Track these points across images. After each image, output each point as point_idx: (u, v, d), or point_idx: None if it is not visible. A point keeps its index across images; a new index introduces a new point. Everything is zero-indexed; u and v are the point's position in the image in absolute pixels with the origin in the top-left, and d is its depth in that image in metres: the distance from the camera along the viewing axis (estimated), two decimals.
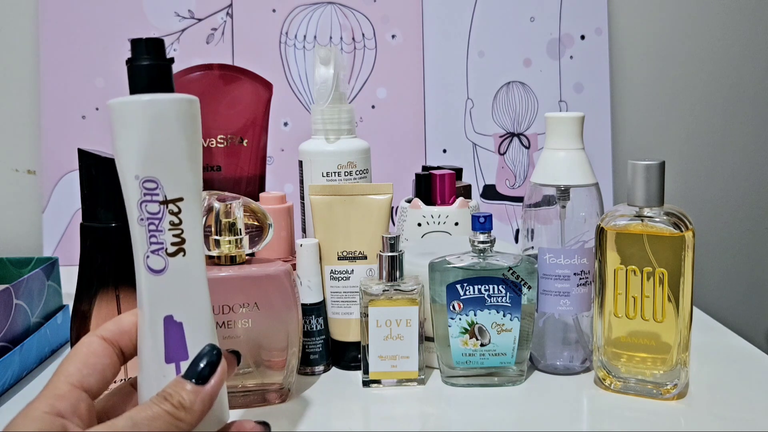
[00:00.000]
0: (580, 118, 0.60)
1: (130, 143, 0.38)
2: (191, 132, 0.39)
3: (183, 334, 0.39)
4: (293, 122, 1.07)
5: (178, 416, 0.36)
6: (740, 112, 1.15)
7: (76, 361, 0.38)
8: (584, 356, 0.62)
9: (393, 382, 0.60)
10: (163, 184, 0.38)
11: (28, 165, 1.08)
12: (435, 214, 0.71)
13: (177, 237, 0.39)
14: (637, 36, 1.12)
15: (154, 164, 0.38)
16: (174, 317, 0.39)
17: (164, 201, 0.38)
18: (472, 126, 1.09)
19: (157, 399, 0.37)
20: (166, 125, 0.38)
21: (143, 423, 0.35)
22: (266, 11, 1.06)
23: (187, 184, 0.39)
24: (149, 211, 0.38)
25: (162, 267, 0.39)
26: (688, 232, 0.54)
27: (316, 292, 0.63)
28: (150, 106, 0.38)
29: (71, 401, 0.36)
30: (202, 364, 0.38)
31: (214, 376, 0.38)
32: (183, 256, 0.39)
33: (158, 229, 0.38)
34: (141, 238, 0.39)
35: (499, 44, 1.08)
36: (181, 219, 0.39)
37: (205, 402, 0.38)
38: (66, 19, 1.04)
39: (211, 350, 0.39)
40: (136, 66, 0.40)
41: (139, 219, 0.38)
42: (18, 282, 0.62)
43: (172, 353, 0.39)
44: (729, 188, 1.16)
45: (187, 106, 0.39)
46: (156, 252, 0.39)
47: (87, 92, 1.04)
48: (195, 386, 0.37)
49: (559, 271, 0.60)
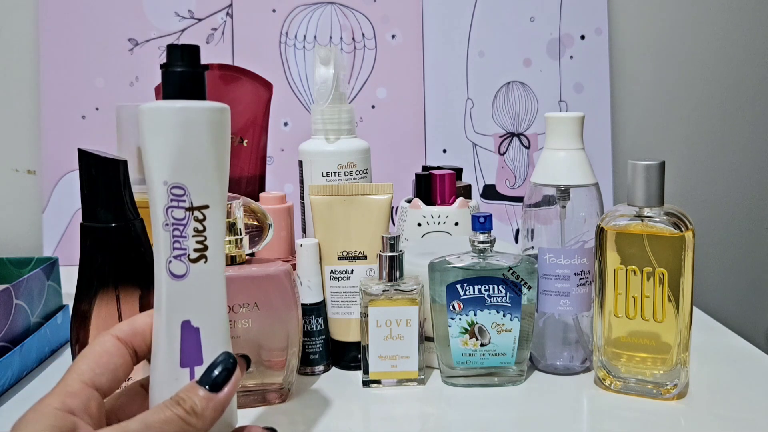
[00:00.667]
0: (580, 118, 0.60)
1: (161, 149, 0.38)
2: (221, 140, 0.40)
3: (199, 340, 0.39)
4: (293, 122, 1.07)
5: (189, 422, 0.36)
6: (740, 112, 1.15)
7: (89, 360, 0.38)
8: (584, 356, 0.62)
9: (393, 382, 0.60)
10: (190, 191, 0.39)
11: (28, 165, 1.08)
12: (435, 214, 0.71)
13: (200, 243, 0.39)
14: (637, 36, 1.12)
15: (183, 171, 0.38)
16: (191, 322, 0.39)
17: (190, 208, 0.39)
18: (472, 126, 1.09)
19: (170, 403, 0.37)
20: (197, 133, 0.38)
21: (155, 426, 0.36)
22: (266, 11, 1.06)
23: (213, 192, 0.39)
24: (175, 216, 0.39)
25: (183, 272, 0.39)
26: (688, 232, 0.54)
27: (316, 292, 0.63)
28: (182, 114, 0.38)
29: (82, 399, 0.37)
30: (217, 371, 0.38)
31: (228, 384, 0.38)
32: (204, 263, 0.39)
33: (182, 235, 0.39)
34: (165, 243, 0.39)
35: (499, 44, 1.08)
36: (206, 226, 0.39)
37: (217, 409, 0.38)
38: (66, 19, 1.04)
39: (227, 358, 0.39)
40: (170, 72, 0.40)
41: (164, 224, 0.39)
42: (18, 282, 0.62)
43: (187, 358, 0.39)
44: (729, 188, 1.16)
45: (218, 114, 0.39)
46: (179, 257, 0.39)
47: (87, 92, 1.04)
48: (208, 393, 0.38)
49: (559, 271, 0.60)
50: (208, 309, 0.40)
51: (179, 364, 0.39)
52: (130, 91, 1.04)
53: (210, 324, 0.40)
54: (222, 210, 0.40)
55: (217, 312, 0.40)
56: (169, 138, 0.38)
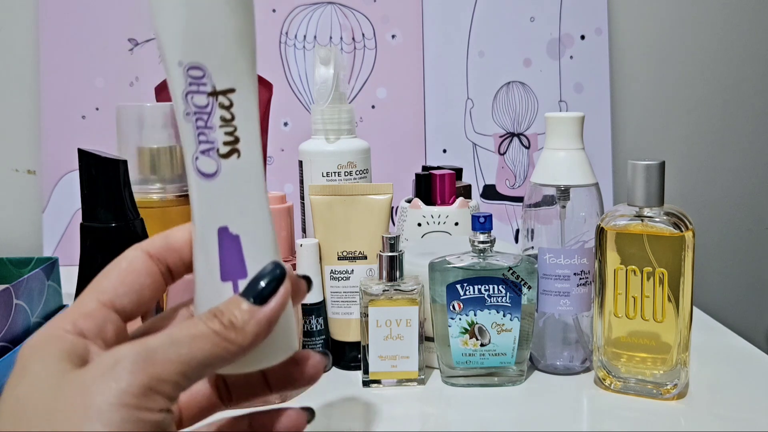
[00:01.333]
0: (580, 118, 0.60)
1: (172, 23, 0.32)
2: (243, 12, 0.33)
3: (240, 249, 0.34)
4: (293, 122, 1.07)
5: (227, 337, 0.31)
6: (740, 112, 1.15)
7: (112, 277, 0.33)
8: (584, 356, 0.62)
9: (393, 382, 0.60)
10: (210, 72, 0.32)
11: (28, 165, 1.08)
12: (435, 214, 0.71)
13: (230, 135, 0.33)
14: (637, 36, 1.12)
15: (200, 48, 0.32)
16: (230, 229, 0.34)
17: (213, 92, 0.33)
18: (472, 126, 1.09)
19: (206, 316, 0.32)
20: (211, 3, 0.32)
21: (183, 341, 0.30)
22: (266, 11, 1.06)
23: (239, 72, 0.33)
24: (196, 104, 0.33)
25: (214, 170, 0.33)
26: (688, 232, 0.54)
27: (316, 292, 0.63)
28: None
29: (97, 321, 0.32)
30: (263, 282, 0.33)
31: (275, 296, 0.32)
32: (237, 158, 0.33)
33: (207, 126, 0.33)
34: (189, 137, 0.33)
35: (499, 44, 1.08)
36: (234, 114, 0.33)
37: (262, 325, 0.32)
38: (66, 19, 1.04)
39: (275, 268, 0.33)
40: None
41: (185, 114, 0.33)
42: (18, 282, 0.62)
43: (229, 270, 0.34)
44: (729, 188, 1.16)
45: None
46: (206, 152, 0.33)
47: (87, 92, 1.04)
48: (252, 306, 0.32)
49: (559, 271, 0.60)
50: (247, 212, 0.34)
51: (220, 277, 0.34)
52: (130, 91, 1.04)
53: (252, 230, 0.34)
54: (253, 94, 0.34)
55: (259, 215, 0.34)
56: (179, 8, 0.32)
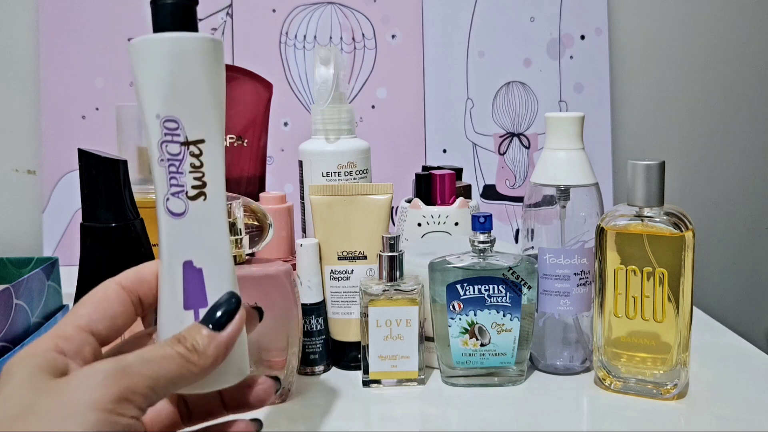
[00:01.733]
0: (580, 118, 0.60)
1: (152, 81, 0.37)
2: (214, 72, 0.38)
3: (202, 281, 0.38)
4: (293, 122, 1.07)
5: (190, 359, 0.35)
6: (740, 112, 1.15)
7: (87, 305, 0.37)
8: (584, 356, 0.62)
9: (393, 382, 0.60)
10: (184, 125, 0.37)
11: (28, 165, 1.08)
12: (435, 214, 0.71)
13: (198, 180, 0.38)
14: (637, 36, 1.12)
15: (176, 103, 0.37)
16: (194, 263, 0.38)
17: (185, 142, 0.37)
18: (472, 126, 1.09)
19: (171, 341, 0.36)
20: (188, 63, 0.37)
21: (153, 361, 0.34)
22: (266, 11, 1.06)
23: (209, 125, 0.38)
24: (170, 152, 0.37)
25: (182, 210, 0.38)
26: (688, 232, 0.54)
27: (316, 292, 0.63)
28: (173, 44, 0.37)
29: (75, 343, 0.35)
30: (219, 311, 0.37)
31: (231, 323, 0.37)
32: (204, 200, 0.38)
33: (178, 171, 0.37)
34: (161, 180, 0.38)
35: (499, 44, 1.08)
36: (202, 162, 0.38)
37: (220, 348, 0.36)
38: (66, 19, 1.04)
39: (230, 298, 0.38)
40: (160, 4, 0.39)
41: (159, 160, 0.37)
42: (18, 282, 0.62)
43: (191, 300, 0.38)
44: (729, 188, 1.16)
45: (210, 45, 0.38)
46: (176, 195, 0.38)
47: (87, 92, 1.04)
48: (210, 332, 0.36)
49: (559, 271, 0.60)
50: (210, 248, 0.38)
51: (183, 306, 0.38)
52: (130, 91, 1.04)
53: (213, 264, 0.38)
54: (220, 145, 0.39)
55: (220, 251, 0.39)
56: (160, 69, 0.37)
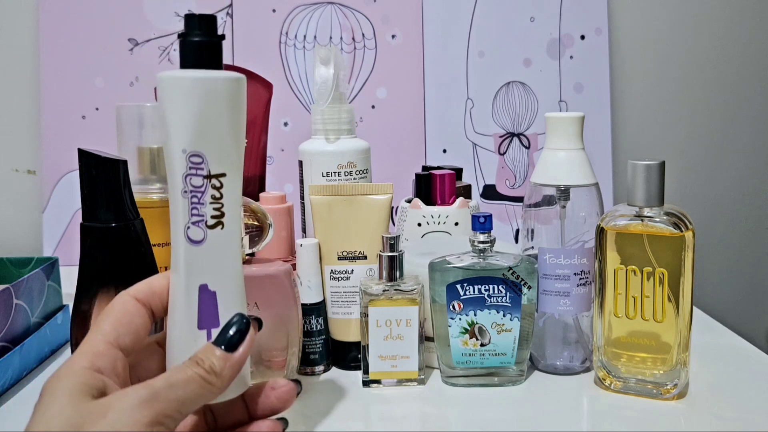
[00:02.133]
0: (580, 118, 0.60)
1: (181, 118, 0.39)
2: (238, 109, 0.41)
3: (216, 303, 0.41)
4: (293, 122, 1.07)
5: (209, 380, 0.38)
6: (740, 112, 1.15)
7: (112, 320, 0.39)
8: (584, 356, 0.62)
9: (393, 382, 0.60)
10: (208, 159, 0.40)
11: (28, 165, 1.08)
12: (435, 214, 0.71)
13: (217, 210, 0.40)
14: (637, 36, 1.12)
15: (202, 140, 0.39)
16: (209, 286, 0.41)
17: (208, 176, 0.40)
18: (472, 126, 1.09)
19: (191, 363, 0.38)
20: (215, 102, 0.39)
21: (179, 385, 0.37)
22: (266, 11, 1.06)
23: (230, 160, 0.40)
24: (193, 184, 0.40)
25: (201, 238, 0.40)
26: (688, 232, 0.54)
27: (316, 292, 0.63)
28: (201, 83, 0.39)
29: (109, 359, 0.38)
30: (231, 332, 0.40)
31: (242, 344, 0.40)
32: (221, 229, 0.41)
33: (200, 202, 0.40)
34: (183, 210, 0.40)
35: (499, 44, 1.08)
36: (222, 193, 0.40)
37: (234, 368, 0.39)
38: (66, 19, 1.04)
39: (241, 319, 0.40)
40: (188, 41, 0.41)
41: (182, 191, 0.40)
42: (18, 282, 0.62)
43: (205, 320, 0.40)
44: (729, 188, 1.16)
45: (235, 84, 0.40)
46: (197, 224, 0.40)
47: (87, 92, 1.04)
48: (224, 353, 0.39)
49: (559, 271, 0.60)
50: (224, 273, 0.41)
51: (197, 326, 0.40)
52: (130, 91, 1.04)
53: (226, 287, 0.41)
54: (238, 178, 0.41)
55: (233, 276, 0.42)
56: (188, 107, 0.39)
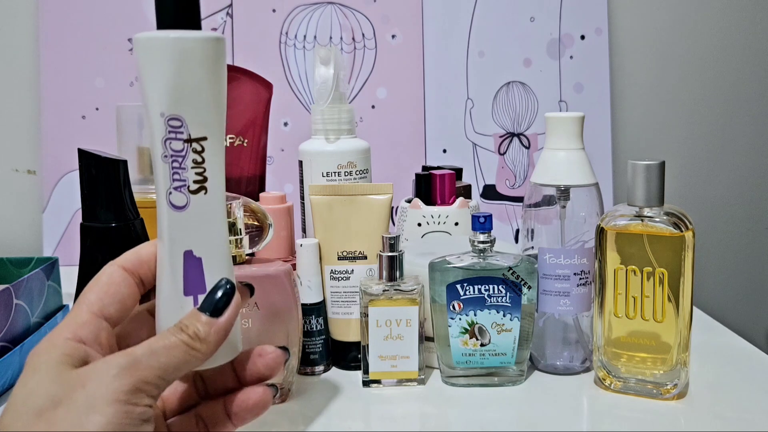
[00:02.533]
0: (580, 118, 0.60)
1: (157, 80, 0.38)
2: (217, 71, 0.40)
3: (202, 269, 0.40)
4: (293, 122, 1.07)
5: (194, 346, 0.37)
6: (740, 112, 1.15)
7: (97, 290, 0.39)
8: (584, 356, 0.62)
9: (393, 382, 0.60)
10: (187, 123, 0.39)
11: (28, 165, 1.08)
12: (435, 214, 0.71)
13: (199, 175, 0.40)
14: (637, 36, 1.12)
15: (180, 102, 0.38)
16: (194, 252, 0.40)
17: (188, 139, 0.39)
18: (472, 126, 1.09)
19: (174, 330, 0.38)
20: (193, 63, 0.38)
21: (161, 352, 0.36)
22: (266, 11, 1.06)
23: (211, 123, 0.40)
24: (173, 148, 0.39)
25: (184, 203, 0.40)
26: (688, 232, 0.54)
27: (316, 292, 0.63)
28: (179, 44, 0.38)
29: (92, 329, 0.38)
30: (217, 296, 0.39)
31: (228, 308, 0.39)
32: (204, 194, 0.40)
33: (181, 167, 0.39)
34: (164, 175, 0.39)
35: (499, 44, 1.08)
36: (204, 158, 0.39)
37: (220, 333, 0.38)
38: (66, 19, 1.04)
39: (226, 284, 0.40)
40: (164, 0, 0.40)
41: (162, 156, 0.39)
42: (18, 282, 0.62)
43: (191, 287, 0.40)
44: (729, 188, 1.16)
45: (214, 44, 0.39)
46: (179, 189, 0.39)
47: (87, 92, 1.04)
48: (210, 318, 0.38)
49: (559, 271, 0.60)
50: (209, 239, 0.41)
51: (183, 292, 0.40)
52: (130, 91, 1.04)
53: (212, 253, 0.41)
54: (220, 142, 0.40)
55: (218, 242, 0.41)
56: (165, 68, 0.38)
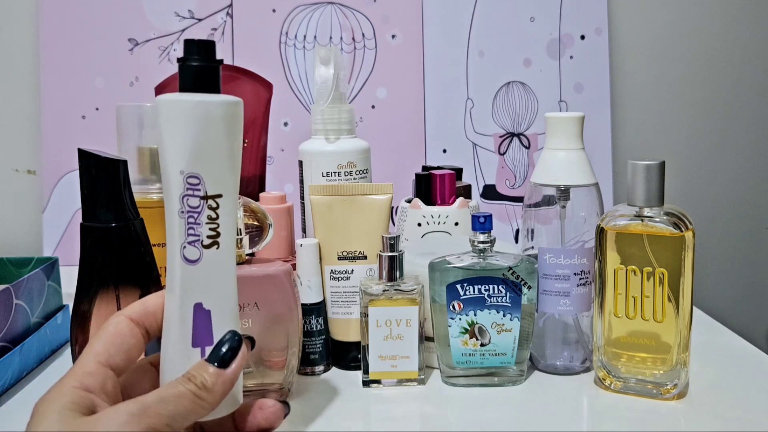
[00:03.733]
0: (580, 118, 0.60)
1: (178, 140, 0.40)
2: (235, 132, 0.41)
3: (210, 321, 0.41)
4: (293, 122, 1.07)
5: (201, 396, 0.38)
6: (740, 112, 1.15)
7: (104, 341, 0.40)
8: (584, 356, 0.62)
9: (393, 382, 0.60)
10: (205, 181, 0.40)
11: (28, 165, 1.08)
12: (435, 214, 0.71)
13: (213, 231, 0.41)
14: (637, 36, 1.12)
15: (199, 161, 0.40)
16: (203, 305, 0.41)
17: (205, 196, 0.41)
18: (472, 126, 1.09)
19: (182, 380, 0.39)
20: (213, 125, 0.40)
21: (170, 401, 0.37)
22: (266, 11, 1.06)
23: (226, 182, 0.41)
24: (190, 204, 0.40)
25: (197, 257, 0.41)
26: (688, 232, 0.54)
27: (316, 292, 0.63)
28: (200, 107, 0.40)
29: (99, 378, 0.38)
30: (224, 348, 0.40)
31: (234, 360, 0.40)
32: (217, 249, 0.41)
33: (196, 222, 0.41)
34: (179, 230, 0.41)
35: (499, 44, 1.08)
36: (218, 214, 0.41)
37: (226, 384, 0.39)
38: (66, 19, 1.04)
39: (233, 336, 0.41)
40: (188, 66, 0.42)
41: (179, 212, 0.40)
42: (18, 282, 0.62)
43: (199, 338, 0.41)
44: (729, 188, 1.16)
45: (233, 108, 0.41)
46: (193, 243, 0.41)
47: (87, 92, 1.04)
48: (217, 369, 0.39)
49: (559, 271, 0.60)
50: (219, 292, 0.42)
51: (191, 344, 0.41)
52: (130, 91, 1.04)
53: (220, 306, 0.42)
54: (234, 199, 0.42)
55: (227, 295, 0.42)
56: (187, 130, 0.40)
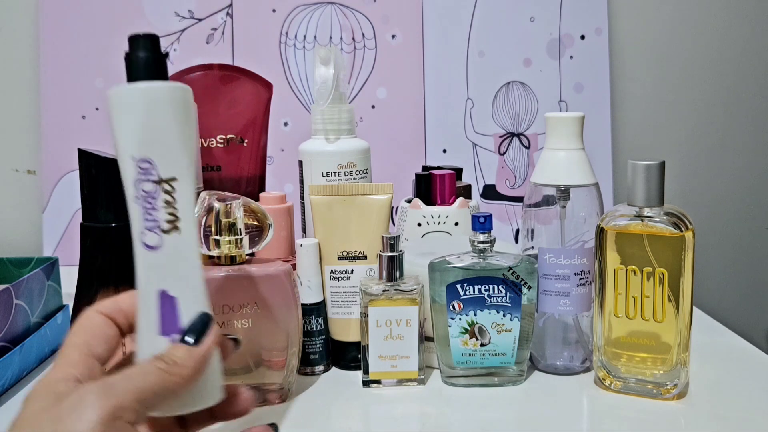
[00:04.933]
0: (580, 118, 0.60)
1: (127, 126, 0.40)
2: (184, 117, 0.41)
3: (177, 309, 0.40)
4: (293, 122, 1.07)
5: (170, 371, 0.37)
6: (740, 112, 1.15)
7: (82, 333, 0.40)
8: (584, 356, 0.62)
9: (393, 382, 0.60)
10: (157, 165, 0.40)
11: (28, 165, 1.08)
12: (435, 214, 0.71)
13: (171, 215, 0.40)
14: (637, 36, 1.12)
15: (149, 146, 0.40)
16: (168, 292, 0.40)
17: (159, 180, 0.40)
18: (472, 126, 1.09)
19: (151, 359, 0.38)
20: (160, 109, 0.40)
21: (137, 377, 0.37)
22: (266, 11, 1.06)
23: (180, 165, 0.41)
24: (144, 189, 0.40)
25: (157, 243, 0.40)
26: (688, 232, 0.54)
27: (316, 292, 0.63)
28: (146, 92, 0.40)
29: (86, 367, 0.38)
30: (194, 325, 0.40)
31: (206, 337, 0.39)
32: (177, 234, 0.41)
33: (153, 207, 0.40)
34: (137, 216, 0.40)
35: (499, 44, 1.08)
36: (175, 198, 0.41)
37: (198, 359, 0.39)
38: (66, 19, 1.04)
39: (203, 315, 0.40)
40: (133, 58, 0.43)
41: (135, 197, 0.40)
42: (18, 282, 0.62)
43: (167, 326, 0.40)
44: (729, 188, 1.16)
45: (180, 93, 0.41)
46: (151, 229, 0.40)
47: (87, 92, 1.04)
48: (186, 346, 0.39)
49: (559, 271, 0.60)
50: (184, 278, 0.41)
51: (159, 332, 0.40)
52: None
53: (187, 293, 0.41)
54: (191, 183, 0.42)
55: (193, 281, 0.41)
56: (135, 115, 0.40)
